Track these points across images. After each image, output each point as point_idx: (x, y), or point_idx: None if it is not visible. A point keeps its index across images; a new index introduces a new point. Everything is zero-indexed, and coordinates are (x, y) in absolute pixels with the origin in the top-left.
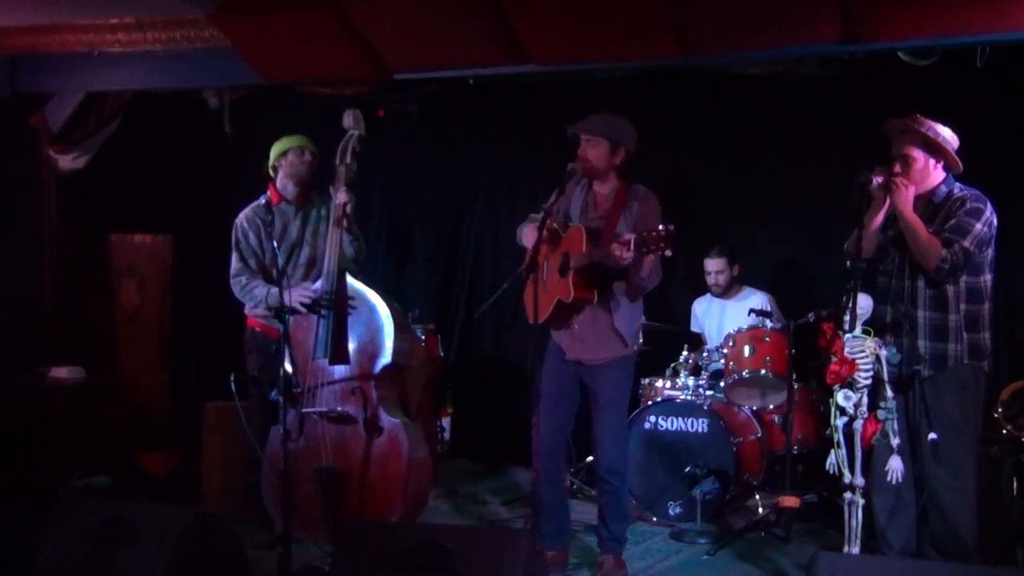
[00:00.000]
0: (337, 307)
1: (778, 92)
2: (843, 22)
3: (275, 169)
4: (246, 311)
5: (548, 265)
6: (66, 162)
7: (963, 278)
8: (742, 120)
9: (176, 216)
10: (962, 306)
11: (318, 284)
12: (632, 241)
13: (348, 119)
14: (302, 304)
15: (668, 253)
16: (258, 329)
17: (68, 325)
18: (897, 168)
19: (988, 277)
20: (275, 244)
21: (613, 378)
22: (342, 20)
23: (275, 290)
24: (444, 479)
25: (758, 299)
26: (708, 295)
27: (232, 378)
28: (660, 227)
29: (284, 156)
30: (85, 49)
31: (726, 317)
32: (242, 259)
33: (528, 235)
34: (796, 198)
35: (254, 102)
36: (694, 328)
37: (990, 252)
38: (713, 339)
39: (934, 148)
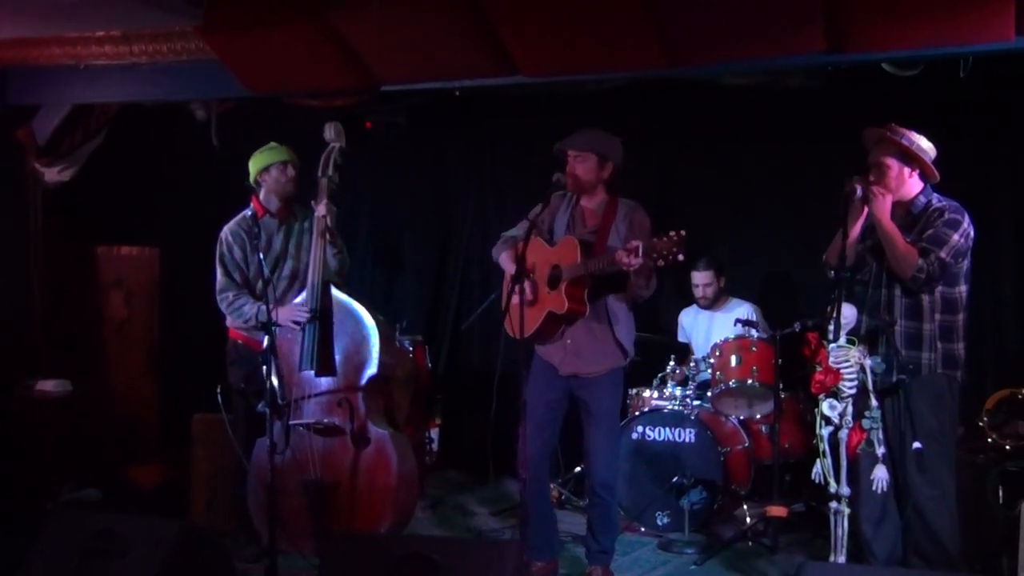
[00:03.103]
0: (323, 319)
1: (765, 103)
2: (828, 33)
3: (257, 183)
4: (227, 323)
5: (534, 278)
6: (52, 175)
7: (939, 288)
8: (729, 130)
9: (163, 228)
10: (937, 316)
11: (302, 296)
12: (640, 247)
13: (330, 132)
14: (295, 323)
15: (681, 258)
16: (240, 341)
17: (55, 338)
18: (872, 176)
19: (964, 288)
20: (261, 256)
21: (608, 391)
22: (329, 32)
23: (264, 307)
24: (432, 490)
25: (744, 310)
26: (695, 306)
27: (219, 390)
28: (672, 232)
29: (267, 171)
30: (72, 62)
31: (713, 328)
32: (227, 274)
33: (505, 257)
34: (782, 208)
35: (241, 114)
36: (681, 339)
37: (966, 263)
38: (700, 349)
39: (909, 157)
